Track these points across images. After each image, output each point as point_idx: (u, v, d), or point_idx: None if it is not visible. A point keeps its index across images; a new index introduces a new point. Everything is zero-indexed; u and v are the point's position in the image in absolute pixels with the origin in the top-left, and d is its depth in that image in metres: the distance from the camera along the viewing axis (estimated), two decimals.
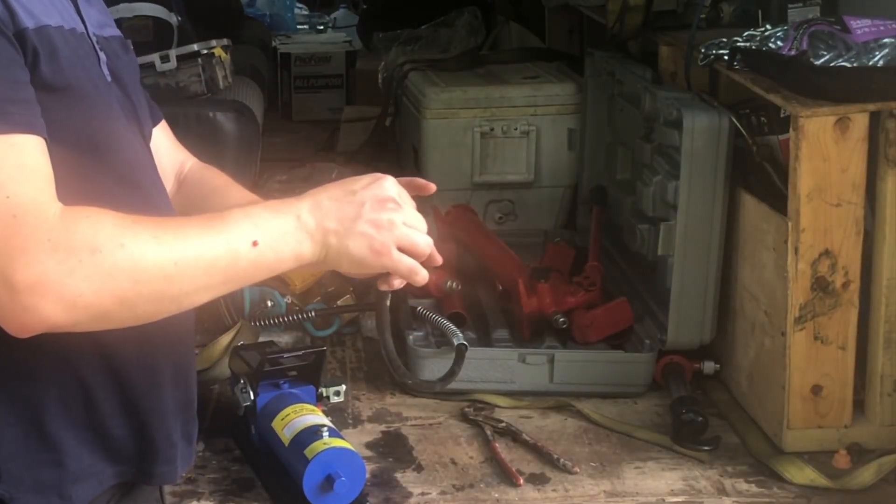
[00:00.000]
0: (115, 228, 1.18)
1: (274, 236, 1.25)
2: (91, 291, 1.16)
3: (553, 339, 2.69)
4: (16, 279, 1.13)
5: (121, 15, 3.54)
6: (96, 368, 1.33)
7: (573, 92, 3.37)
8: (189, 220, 1.25)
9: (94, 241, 1.16)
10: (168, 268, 1.19)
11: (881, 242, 2.28)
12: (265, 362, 2.31)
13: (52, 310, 1.15)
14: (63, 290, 1.14)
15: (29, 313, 1.15)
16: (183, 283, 1.21)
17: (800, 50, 2.34)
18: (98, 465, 1.36)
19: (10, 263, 1.13)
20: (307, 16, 6.55)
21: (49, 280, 1.14)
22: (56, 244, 1.14)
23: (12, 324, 1.16)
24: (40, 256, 1.13)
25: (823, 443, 2.33)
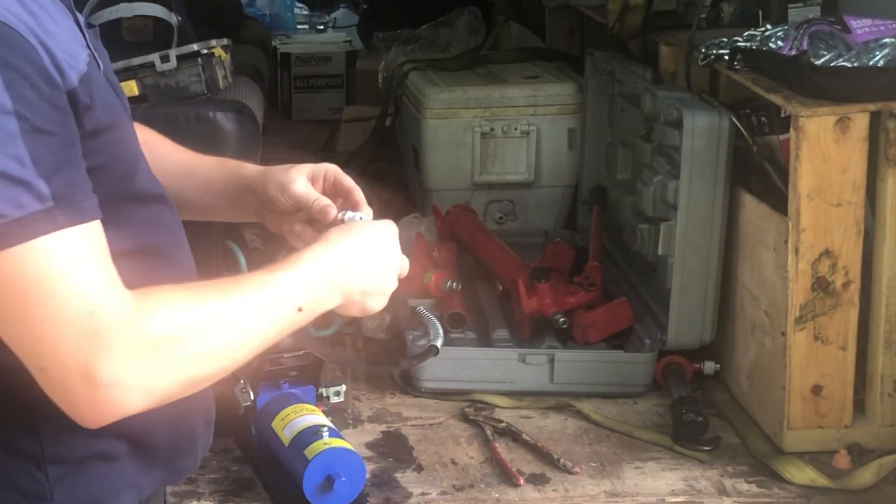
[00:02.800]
0: (187, 315, 1.19)
1: (315, 300, 1.31)
2: (168, 381, 1.18)
3: (553, 339, 2.69)
4: (98, 376, 1.12)
5: (121, 15, 3.53)
6: None
7: (573, 92, 3.37)
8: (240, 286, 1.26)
9: (172, 333, 1.17)
10: (233, 347, 1.23)
11: (881, 242, 2.28)
12: (265, 362, 2.31)
13: (132, 402, 1.16)
14: (144, 383, 1.15)
15: (108, 407, 1.15)
16: (242, 355, 1.25)
17: (800, 50, 2.34)
18: (137, 475, 1.36)
19: (92, 361, 1.12)
20: (307, 16, 6.55)
21: (131, 375, 1.14)
22: (137, 340, 1.15)
23: (88, 417, 1.17)
24: (122, 353, 1.13)
25: (824, 443, 2.33)
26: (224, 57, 3.34)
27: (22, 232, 1.10)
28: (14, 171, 1.09)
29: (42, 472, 1.28)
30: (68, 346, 1.12)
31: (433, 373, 2.56)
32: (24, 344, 1.14)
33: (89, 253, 1.15)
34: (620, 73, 3.10)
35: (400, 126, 3.80)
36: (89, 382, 1.13)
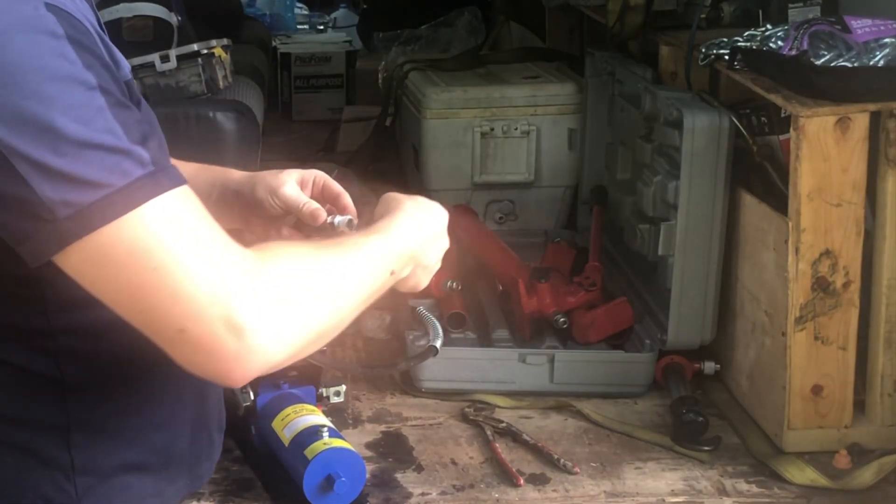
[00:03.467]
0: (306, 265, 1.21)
1: (400, 267, 1.37)
2: (301, 329, 1.18)
3: (553, 339, 2.69)
4: (242, 322, 1.12)
5: (121, 15, 3.54)
6: (162, 394, 1.34)
7: (573, 92, 3.37)
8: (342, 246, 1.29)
9: (297, 280, 1.18)
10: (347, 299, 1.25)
11: (881, 242, 2.28)
12: None
13: (276, 350, 1.15)
14: (282, 329, 1.15)
15: (255, 355, 1.14)
16: (353, 308, 1.26)
17: (800, 50, 2.34)
18: (162, 484, 1.36)
19: (233, 308, 1.12)
20: (307, 16, 6.55)
21: (270, 321, 1.14)
22: (267, 286, 1.15)
23: (237, 370, 1.15)
24: (257, 298, 1.13)
25: (824, 443, 2.33)
26: (224, 57, 3.35)
27: (133, 198, 1.10)
28: (110, 141, 1.10)
29: (70, 483, 1.28)
30: (205, 298, 1.11)
31: (433, 373, 2.56)
32: (155, 310, 1.12)
33: (198, 211, 1.16)
34: (620, 73, 3.10)
35: (400, 126, 3.80)
36: (235, 330, 1.12)
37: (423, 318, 2.50)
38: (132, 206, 1.10)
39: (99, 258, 1.10)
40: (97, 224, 1.09)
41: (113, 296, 1.13)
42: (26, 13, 1.10)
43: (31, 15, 1.10)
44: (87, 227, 1.09)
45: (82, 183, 1.08)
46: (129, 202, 1.10)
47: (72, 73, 1.09)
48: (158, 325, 1.13)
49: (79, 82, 1.10)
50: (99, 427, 1.28)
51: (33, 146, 1.07)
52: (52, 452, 1.27)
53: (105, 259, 1.10)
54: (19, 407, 1.25)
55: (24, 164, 1.07)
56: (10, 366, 1.24)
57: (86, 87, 1.10)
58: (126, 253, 1.10)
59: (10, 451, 1.26)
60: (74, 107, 1.09)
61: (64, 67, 1.09)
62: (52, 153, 1.07)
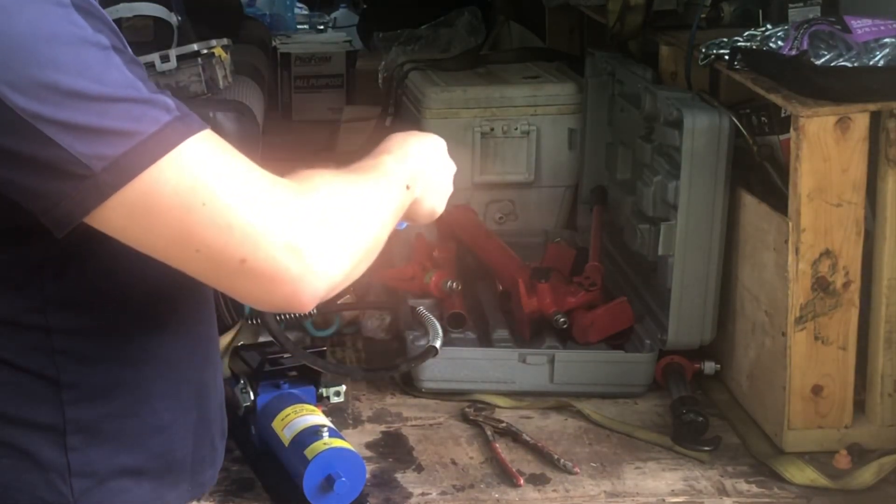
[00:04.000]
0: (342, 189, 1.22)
1: (415, 179, 1.39)
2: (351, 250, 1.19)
3: (553, 339, 2.69)
4: (303, 243, 1.12)
5: (121, 15, 3.54)
6: (162, 397, 1.33)
7: (573, 92, 3.37)
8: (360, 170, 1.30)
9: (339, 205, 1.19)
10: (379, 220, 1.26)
11: (881, 242, 2.28)
12: (265, 362, 2.31)
13: (336, 270, 1.16)
14: (338, 246, 1.16)
15: (320, 276, 1.14)
16: (384, 230, 1.28)
17: (800, 50, 2.34)
18: (163, 490, 1.36)
19: (291, 230, 1.12)
20: (307, 16, 6.55)
21: (327, 239, 1.15)
22: (315, 205, 1.16)
23: (306, 292, 1.14)
24: (312, 218, 1.14)
25: (824, 443, 2.33)
26: (224, 57, 3.34)
27: (167, 141, 1.10)
28: (132, 94, 1.10)
29: (67, 486, 1.27)
30: (262, 224, 1.11)
31: (433, 373, 2.56)
32: (211, 247, 1.11)
33: (230, 147, 1.17)
34: (620, 73, 3.10)
35: (400, 126, 3.80)
36: (296, 253, 1.12)
37: (423, 318, 2.50)
38: (168, 148, 1.10)
39: (143, 206, 1.09)
40: (136, 171, 1.08)
41: (163, 244, 1.12)
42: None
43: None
44: (126, 175, 1.08)
45: (114, 134, 1.08)
46: (165, 145, 1.10)
47: (84, 36, 1.10)
48: (217, 261, 1.12)
49: (92, 44, 1.10)
50: (96, 429, 1.27)
51: (58, 110, 1.07)
52: (48, 454, 1.26)
53: (150, 205, 1.10)
54: (16, 407, 1.25)
55: (50, 127, 1.07)
56: (7, 365, 1.23)
57: (99, 47, 1.11)
58: (171, 194, 1.09)
59: (6, 451, 1.25)
60: (92, 67, 1.09)
61: (75, 32, 1.10)
62: (78, 113, 1.07)
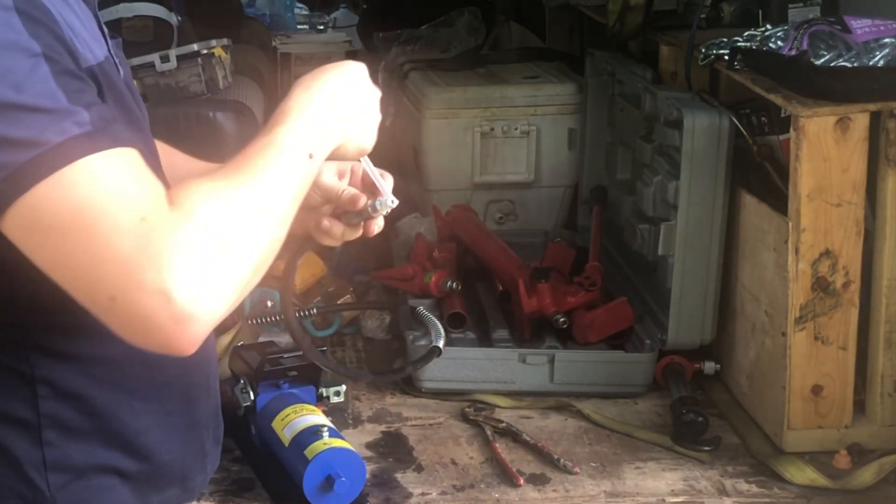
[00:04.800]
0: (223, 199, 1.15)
1: (319, 142, 1.29)
2: (236, 270, 1.13)
3: (553, 339, 2.69)
4: (174, 287, 1.07)
5: (121, 15, 3.53)
6: (144, 399, 1.33)
7: (573, 92, 3.37)
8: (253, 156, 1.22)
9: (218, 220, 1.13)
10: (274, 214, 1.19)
11: (881, 242, 2.28)
12: (265, 362, 2.31)
13: (212, 306, 1.10)
14: (216, 279, 1.10)
15: (192, 319, 1.09)
16: (283, 221, 1.21)
17: (800, 50, 2.34)
18: (147, 491, 1.36)
19: (160, 274, 1.07)
20: (307, 16, 6.54)
21: (203, 275, 1.09)
22: (190, 237, 1.10)
23: (177, 338, 1.09)
24: (184, 254, 1.08)
25: (824, 443, 2.33)
26: (224, 57, 3.34)
27: (66, 155, 1.08)
28: (48, 104, 1.09)
29: (43, 480, 1.28)
30: (131, 258, 1.07)
31: (433, 373, 2.56)
32: (85, 276, 1.09)
33: (133, 169, 1.12)
34: (620, 73, 3.10)
35: (400, 126, 3.80)
36: (169, 298, 1.07)
37: (424, 319, 2.50)
38: (64, 163, 1.07)
39: (33, 219, 1.08)
40: (29, 183, 1.06)
41: (48, 260, 1.10)
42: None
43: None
44: (21, 187, 1.07)
45: (19, 144, 1.07)
46: (62, 159, 1.07)
47: (15, 41, 1.10)
48: (90, 291, 1.10)
49: (20, 49, 1.10)
50: (72, 426, 1.27)
51: None
52: (23, 449, 1.27)
53: (38, 219, 1.08)
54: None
55: None
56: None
57: (28, 53, 1.10)
58: (55, 212, 1.07)
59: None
60: (14, 73, 1.08)
61: (8, 36, 1.10)
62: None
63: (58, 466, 1.28)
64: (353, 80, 1.39)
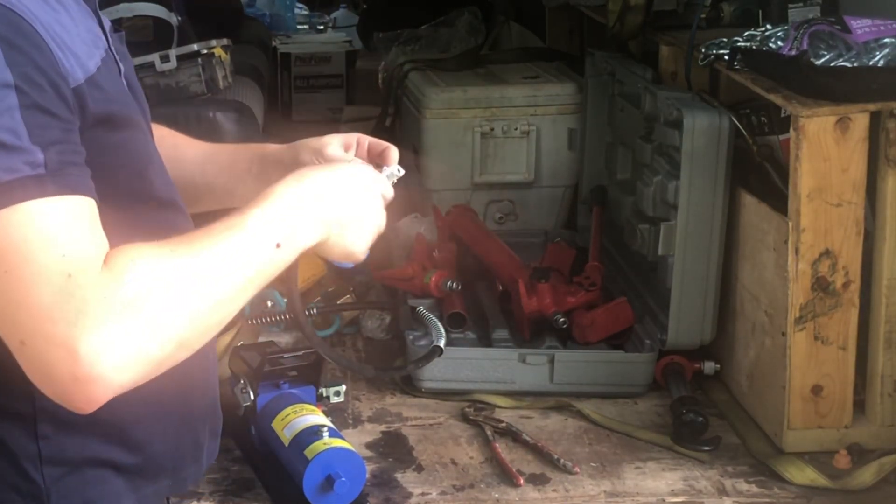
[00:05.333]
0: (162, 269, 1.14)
1: (292, 234, 1.26)
2: (156, 343, 1.13)
3: (553, 339, 2.69)
4: (80, 347, 1.07)
5: (121, 15, 3.54)
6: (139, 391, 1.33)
7: (573, 92, 3.37)
8: (213, 233, 1.20)
9: (148, 289, 1.12)
10: (215, 295, 1.18)
11: (881, 242, 2.28)
12: (265, 362, 2.31)
13: (120, 373, 1.10)
14: (129, 348, 1.10)
15: (94, 382, 1.09)
16: (226, 303, 1.19)
17: (800, 50, 2.34)
18: (139, 482, 1.36)
19: (70, 331, 1.07)
20: (307, 16, 6.55)
21: (114, 341, 1.09)
22: (114, 300, 1.09)
23: (76, 397, 1.10)
24: (101, 317, 1.08)
25: (824, 443, 2.33)
26: (224, 57, 3.34)
27: (8, 195, 1.08)
28: (7, 139, 1.09)
29: (38, 472, 1.28)
30: (46, 314, 1.08)
31: (433, 373, 2.56)
32: (2, 315, 1.10)
33: (76, 221, 1.12)
34: (620, 73, 3.10)
35: (400, 126, 3.80)
36: (72, 354, 1.07)
37: (424, 319, 2.50)
38: (6, 203, 1.08)
39: None
40: None
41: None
42: None
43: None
44: None
45: None
46: (5, 198, 1.08)
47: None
48: (4, 329, 1.11)
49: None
50: (67, 420, 1.26)
51: None
52: (18, 441, 1.27)
53: None
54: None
55: None
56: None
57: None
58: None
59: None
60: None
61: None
62: None
63: (53, 460, 1.28)
64: (352, 182, 1.34)
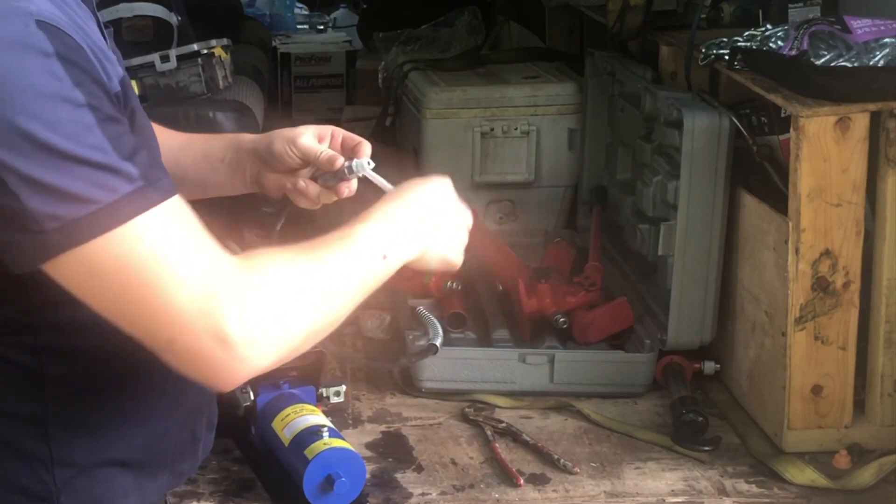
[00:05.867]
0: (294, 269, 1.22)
1: (396, 247, 1.35)
2: (292, 332, 1.21)
3: (553, 339, 2.69)
4: (229, 334, 1.15)
5: (121, 15, 3.54)
6: (148, 386, 1.34)
7: (573, 92, 3.37)
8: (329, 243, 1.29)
9: (285, 285, 1.20)
10: (335, 295, 1.26)
11: (881, 242, 2.28)
12: None
13: (264, 356, 1.18)
14: (272, 335, 1.18)
15: (244, 363, 1.17)
16: (343, 304, 1.28)
17: (800, 50, 2.34)
18: (142, 479, 1.37)
19: (219, 320, 1.14)
20: (307, 16, 6.55)
21: (259, 328, 1.16)
22: (255, 294, 1.17)
23: (226, 378, 1.18)
24: (245, 307, 1.16)
25: (824, 443, 2.33)
26: (224, 57, 3.34)
27: (120, 214, 1.12)
28: (98, 158, 1.12)
29: (49, 475, 1.29)
30: (193, 312, 1.14)
31: (433, 373, 2.56)
32: (145, 322, 1.15)
33: (187, 223, 1.18)
34: (620, 73, 3.10)
35: (400, 126, 3.80)
36: (222, 342, 1.14)
37: (423, 318, 2.50)
38: (119, 222, 1.12)
39: (87, 270, 1.13)
40: (84, 238, 1.11)
41: (103, 305, 1.16)
42: (17, 31, 1.12)
43: (21, 32, 1.12)
44: (74, 240, 1.11)
45: (70, 197, 1.10)
46: (116, 218, 1.12)
47: (60, 91, 1.11)
48: (149, 336, 1.16)
49: (66, 100, 1.11)
50: (77, 422, 1.28)
51: (23, 161, 1.09)
52: (29, 444, 1.28)
53: (93, 271, 1.13)
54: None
55: (13, 177, 1.09)
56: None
57: (73, 104, 1.12)
58: (114, 268, 1.13)
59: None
60: (62, 123, 1.11)
61: (52, 85, 1.11)
62: (41, 168, 1.10)
63: (63, 462, 1.29)
64: (443, 193, 1.49)
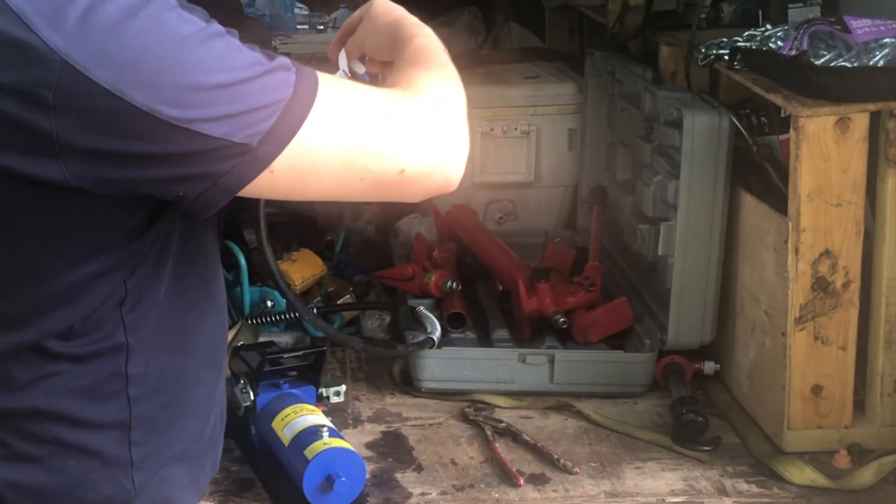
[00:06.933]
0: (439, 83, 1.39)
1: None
2: (466, 147, 1.37)
3: (553, 339, 2.69)
4: (440, 138, 1.29)
5: None
6: (200, 377, 1.36)
7: (573, 92, 3.36)
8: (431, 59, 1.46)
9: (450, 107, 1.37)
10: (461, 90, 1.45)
11: (881, 242, 2.28)
12: (265, 362, 2.31)
13: (464, 144, 1.35)
14: (461, 154, 1.34)
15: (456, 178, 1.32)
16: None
17: (800, 50, 2.34)
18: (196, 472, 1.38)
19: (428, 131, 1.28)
20: (307, 16, 6.54)
21: (456, 150, 1.33)
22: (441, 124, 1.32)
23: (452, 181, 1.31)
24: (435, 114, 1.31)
25: (824, 443, 2.33)
26: None
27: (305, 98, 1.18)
28: (261, 69, 1.17)
29: (129, 480, 1.30)
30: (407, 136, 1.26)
31: (433, 373, 2.56)
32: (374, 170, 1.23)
33: (332, 77, 1.27)
34: (620, 73, 3.10)
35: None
36: (441, 147, 1.29)
37: (422, 316, 2.50)
38: (308, 105, 1.18)
39: (304, 162, 1.18)
40: (289, 136, 1.16)
41: (330, 186, 1.22)
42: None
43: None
44: (282, 141, 1.16)
45: (260, 110, 1.15)
46: (304, 103, 1.18)
47: (202, 31, 1.15)
48: (379, 181, 1.24)
49: (209, 37, 1.16)
50: (153, 420, 1.30)
51: (209, 108, 1.13)
52: (114, 451, 1.29)
53: (310, 159, 1.18)
54: (86, 410, 1.26)
55: (203, 125, 1.12)
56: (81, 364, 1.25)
57: (216, 37, 1.16)
58: (325, 143, 1.19)
59: (74, 453, 1.27)
60: (222, 58, 1.15)
61: (194, 31, 1.15)
62: (226, 104, 1.13)
63: (141, 465, 1.30)
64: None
